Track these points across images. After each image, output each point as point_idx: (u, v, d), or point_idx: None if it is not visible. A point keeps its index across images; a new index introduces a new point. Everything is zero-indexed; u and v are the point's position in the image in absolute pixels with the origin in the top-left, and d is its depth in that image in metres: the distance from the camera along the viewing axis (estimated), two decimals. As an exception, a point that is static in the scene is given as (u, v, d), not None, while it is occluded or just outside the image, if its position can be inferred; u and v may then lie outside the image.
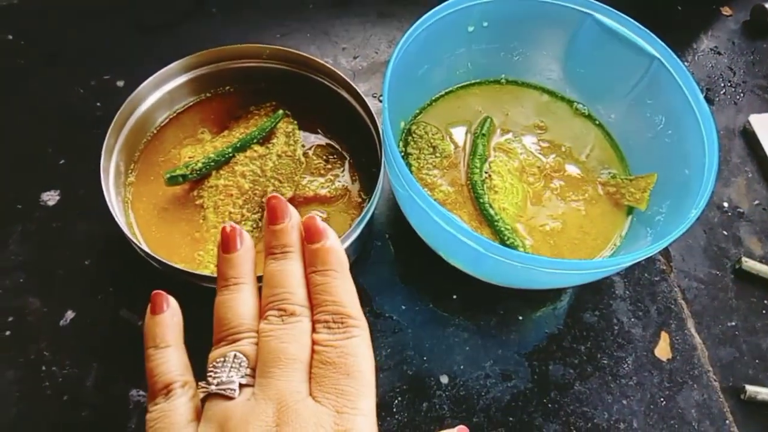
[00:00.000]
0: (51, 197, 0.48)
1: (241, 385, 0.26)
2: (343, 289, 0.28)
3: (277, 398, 0.25)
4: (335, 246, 0.29)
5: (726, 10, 0.66)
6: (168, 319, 0.30)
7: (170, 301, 0.31)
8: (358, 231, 0.41)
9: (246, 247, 0.30)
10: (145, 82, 0.45)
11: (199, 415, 0.27)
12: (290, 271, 0.29)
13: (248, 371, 0.27)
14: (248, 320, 0.28)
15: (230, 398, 0.26)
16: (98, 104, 0.52)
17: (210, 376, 0.27)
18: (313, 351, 0.27)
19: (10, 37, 0.56)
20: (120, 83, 0.54)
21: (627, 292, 0.48)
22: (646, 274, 0.49)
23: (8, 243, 0.45)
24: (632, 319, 0.47)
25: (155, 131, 0.47)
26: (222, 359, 0.27)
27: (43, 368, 0.41)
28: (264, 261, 0.30)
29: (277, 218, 0.30)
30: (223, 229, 0.30)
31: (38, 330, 0.43)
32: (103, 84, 0.54)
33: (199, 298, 0.44)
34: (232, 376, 0.26)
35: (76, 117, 0.52)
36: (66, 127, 0.51)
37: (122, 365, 0.42)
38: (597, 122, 0.52)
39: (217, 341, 0.29)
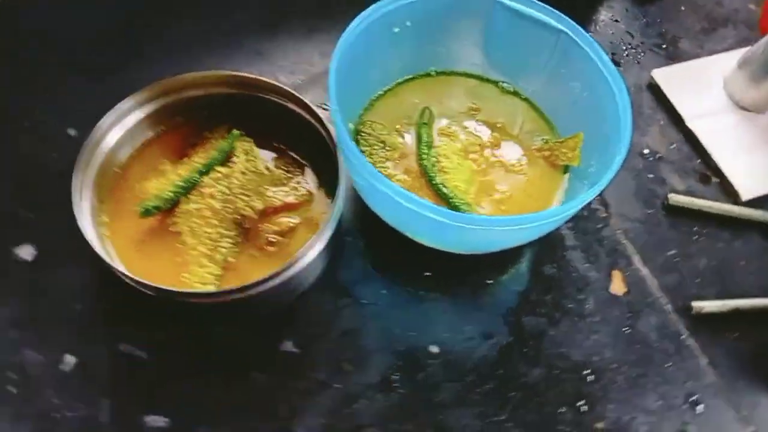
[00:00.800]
0: (27, 252, 0.49)
1: None
2: None
3: None
4: None
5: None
6: None
7: None
8: (331, 228, 0.44)
9: None
10: (99, 123, 0.47)
11: None
12: None
13: None
14: None
15: None
16: (54, 155, 0.54)
17: None
18: None
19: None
20: (72, 132, 0.55)
21: (577, 243, 0.54)
22: (590, 224, 0.55)
23: (-8, 303, 0.46)
24: (586, 264, 0.53)
25: (118, 170, 0.49)
26: None
27: (56, 415, 0.42)
28: None
29: None
30: None
31: (42, 380, 0.44)
32: (55, 135, 0.55)
33: (191, 316, 0.47)
34: None
35: (36, 171, 0.53)
36: (27, 182, 0.52)
37: (132, 395, 0.44)
38: (523, 97, 0.57)
39: None
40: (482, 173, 0.52)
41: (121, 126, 0.49)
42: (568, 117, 0.54)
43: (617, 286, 0.52)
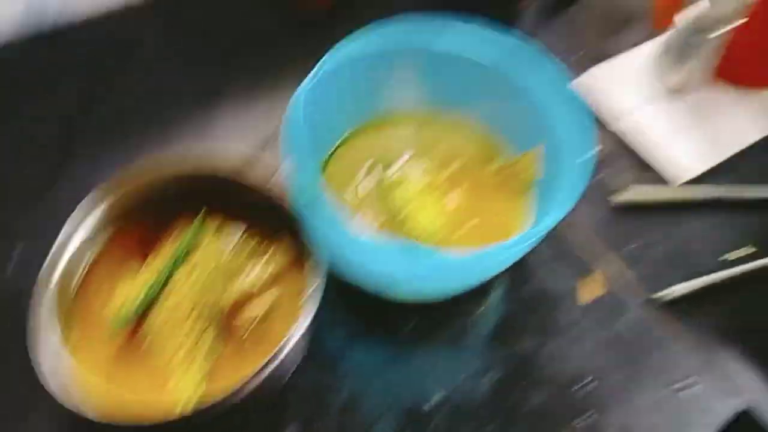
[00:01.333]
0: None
1: None
2: None
3: None
4: None
5: (523, 5, 0.76)
6: None
7: None
8: (316, 305, 0.43)
9: None
10: (55, 247, 0.44)
11: None
12: None
13: None
14: None
15: None
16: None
17: None
18: None
19: None
20: (16, 250, 0.52)
21: (546, 257, 0.55)
22: (552, 240, 0.56)
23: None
24: (558, 277, 0.54)
25: (78, 285, 0.47)
26: None
27: None
28: None
29: None
30: None
31: None
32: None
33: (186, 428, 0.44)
34: None
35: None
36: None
37: None
38: (473, 126, 0.58)
39: None
40: (447, 210, 0.53)
41: (79, 233, 0.47)
42: (522, 135, 0.54)
43: (588, 293, 0.53)
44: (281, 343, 0.41)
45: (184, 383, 0.43)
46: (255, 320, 0.46)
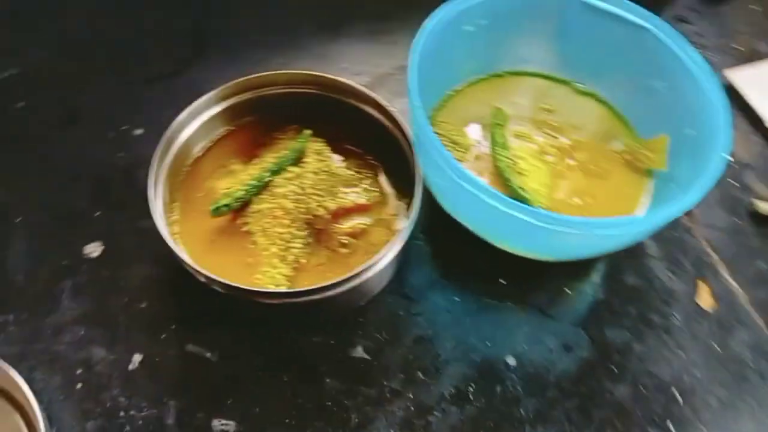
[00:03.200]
0: (94, 249, 0.48)
1: None
2: None
3: None
4: None
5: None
6: None
7: None
8: (410, 230, 0.43)
9: None
10: (179, 118, 0.46)
11: None
12: None
13: None
14: None
15: None
16: (120, 154, 0.53)
17: None
18: None
19: (22, 104, 0.56)
20: (138, 132, 0.55)
21: (659, 251, 0.51)
22: (672, 232, 0.52)
23: (61, 299, 0.46)
24: (670, 275, 0.49)
25: (189, 167, 0.48)
26: None
27: (122, 414, 0.41)
28: None
29: None
30: None
31: (109, 378, 0.43)
32: (122, 135, 0.55)
33: (260, 317, 0.45)
34: None
35: (103, 169, 0.52)
36: (94, 181, 0.52)
37: (199, 398, 0.42)
38: (599, 97, 0.54)
39: None
40: (561, 177, 0.50)
41: (194, 123, 0.48)
42: (650, 118, 0.52)
43: (705, 299, 0.49)
44: (372, 260, 0.40)
45: (271, 275, 0.43)
46: (349, 235, 0.46)
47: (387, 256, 0.41)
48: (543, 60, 0.56)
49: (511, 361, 0.45)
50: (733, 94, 0.61)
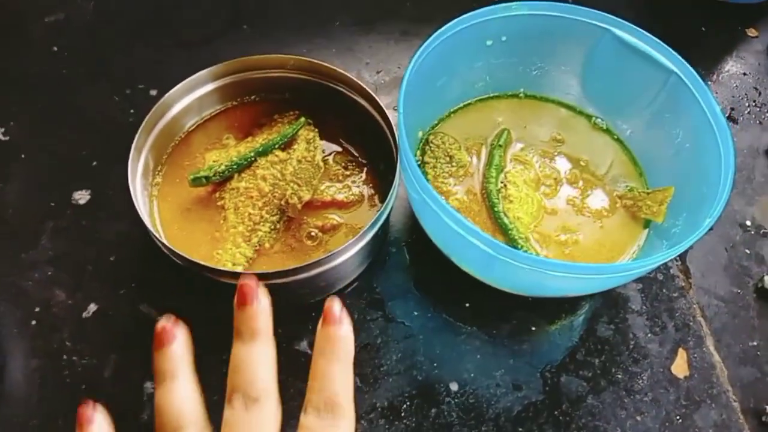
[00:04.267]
0: (82, 196, 0.50)
1: None
2: (342, 378, 0.29)
3: None
4: (347, 335, 0.30)
5: (752, 32, 0.66)
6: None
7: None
8: (372, 233, 0.42)
9: (182, 341, 0.31)
10: (175, 88, 0.47)
11: None
12: (257, 354, 0.29)
13: None
14: (194, 415, 0.29)
15: None
16: (132, 111, 0.55)
17: None
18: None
19: (55, 48, 0.59)
20: (153, 92, 0.56)
21: (644, 307, 0.48)
22: (664, 290, 0.49)
23: (40, 238, 0.48)
24: (649, 335, 0.46)
25: (183, 135, 0.49)
26: None
27: (64, 357, 0.43)
28: (233, 343, 0.30)
29: (246, 301, 0.31)
30: (156, 327, 0.31)
31: (62, 321, 0.44)
32: (138, 93, 0.56)
33: (217, 293, 0.45)
34: None
35: (111, 123, 0.54)
36: (100, 133, 0.54)
37: (139, 358, 0.43)
38: (615, 136, 0.52)
39: None
40: (551, 210, 0.48)
41: (193, 94, 0.49)
42: (662, 167, 0.49)
43: (680, 366, 0.45)
44: (327, 254, 0.40)
45: (232, 253, 0.44)
46: (318, 228, 0.45)
47: (344, 253, 0.41)
48: (566, 89, 0.53)
49: (454, 386, 0.43)
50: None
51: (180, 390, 0.29)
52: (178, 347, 0.30)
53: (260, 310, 0.31)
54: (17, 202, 0.49)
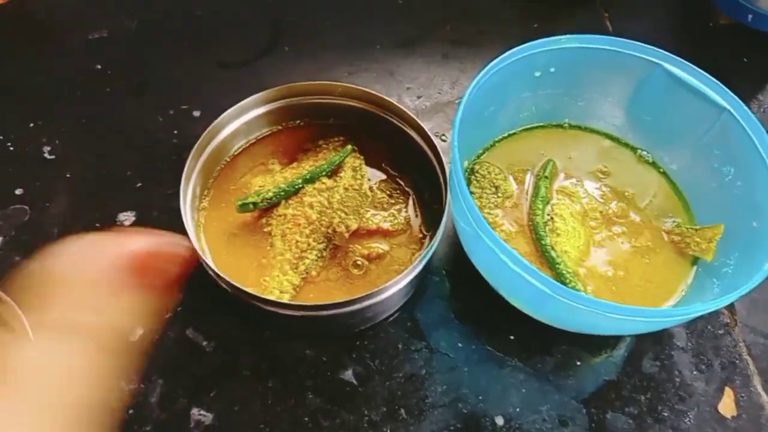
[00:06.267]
0: (127, 218, 0.50)
1: None
2: None
3: None
4: None
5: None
6: None
7: None
8: (421, 266, 0.42)
9: None
10: (225, 113, 0.47)
11: None
12: None
13: None
14: None
15: None
16: (175, 132, 0.55)
17: None
18: None
19: (99, 66, 0.60)
20: (196, 113, 0.57)
21: (689, 344, 0.47)
22: (709, 327, 0.48)
23: (86, 259, 0.48)
24: (694, 372, 0.46)
25: (229, 159, 0.50)
26: None
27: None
28: None
29: None
30: None
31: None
32: (181, 113, 0.57)
33: (264, 321, 0.46)
34: None
35: (155, 143, 0.54)
36: (144, 153, 0.54)
37: (185, 384, 0.43)
38: (661, 170, 0.52)
39: None
40: (598, 244, 0.47)
41: (242, 118, 0.49)
42: (710, 203, 0.48)
43: (727, 406, 0.45)
44: (381, 286, 0.40)
45: (279, 280, 0.44)
46: (365, 257, 0.45)
47: (392, 287, 0.41)
48: (611, 120, 0.53)
49: (500, 420, 0.43)
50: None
51: None
52: None
53: None
54: (63, 222, 0.50)
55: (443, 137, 0.57)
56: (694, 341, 0.47)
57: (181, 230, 0.42)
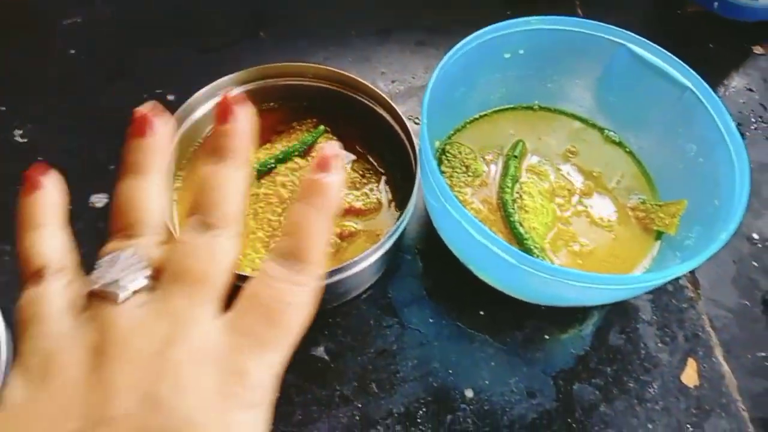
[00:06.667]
0: (99, 200, 0.50)
1: (135, 292, 0.22)
2: (319, 230, 0.24)
3: (173, 316, 0.21)
4: (334, 184, 0.25)
5: (758, 49, 0.67)
6: (45, 198, 0.25)
7: (46, 179, 0.26)
8: (391, 242, 0.42)
9: (162, 134, 0.26)
10: (197, 93, 0.47)
11: (77, 309, 0.22)
12: (227, 177, 0.24)
13: (145, 275, 0.22)
14: (154, 217, 0.24)
15: (116, 302, 0.21)
16: (149, 116, 0.55)
17: (96, 271, 0.23)
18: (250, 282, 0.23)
19: (73, 51, 0.60)
20: (171, 97, 0.57)
21: (654, 317, 0.48)
22: (673, 301, 0.49)
23: (59, 240, 0.48)
24: (659, 344, 0.47)
25: (202, 141, 0.50)
26: (114, 255, 0.23)
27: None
28: (202, 164, 0.25)
29: (227, 118, 0.26)
30: (135, 112, 0.26)
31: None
32: (156, 98, 0.57)
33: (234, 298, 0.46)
34: (123, 276, 0.22)
35: (128, 127, 0.54)
36: (117, 136, 0.54)
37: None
38: (627, 149, 0.53)
39: (112, 233, 0.25)
40: (565, 221, 0.49)
41: (214, 100, 0.49)
42: (674, 180, 0.50)
43: (690, 376, 0.46)
44: (350, 260, 0.40)
45: (251, 258, 0.44)
46: (337, 236, 0.46)
47: (363, 261, 0.41)
48: (580, 101, 0.54)
49: (469, 393, 0.44)
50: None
51: (150, 187, 0.25)
52: (159, 141, 0.26)
53: (241, 130, 0.26)
54: (36, 204, 0.50)
55: (416, 120, 0.57)
56: (659, 315, 0.49)
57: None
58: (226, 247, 0.23)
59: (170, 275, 0.22)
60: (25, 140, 0.53)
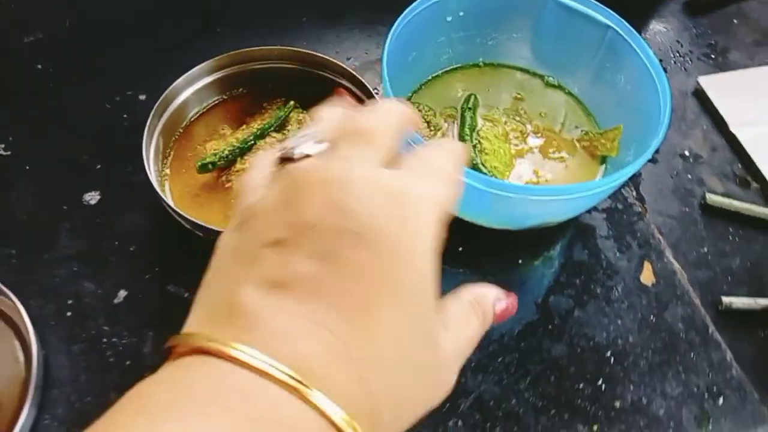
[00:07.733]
0: (92, 197, 0.53)
1: (311, 154, 0.25)
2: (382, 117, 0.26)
3: (345, 158, 0.24)
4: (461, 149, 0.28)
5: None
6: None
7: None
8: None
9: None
10: (171, 87, 0.51)
11: (271, 177, 0.26)
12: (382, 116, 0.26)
13: (319, 139, 0.25)
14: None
15: (293, 159, 0.25)
16: (125, 116, 0.58)
17: (286, 142, 0.26)
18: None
19: (39, 66, 0.62)
20: (142, 96, 0.60)
21: (610, 232, 0.55)
22: (625, 216, 0.56)
23: (59, 238, 0.51)
24: (617, 254, 0.54)
25: (183, 130, 0.53)
26: (302, 131, 0.26)
27: (104, 340, 0.46)
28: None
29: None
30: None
31: (95, 309, 0.47)
32: (128, 99, 0.60)
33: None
34: (302, 142, 0.25)
35: (107, 129, 0.58)
36: (98, 138, 0.57)
37: (174, 331, 0.47)
38: (567, 90, 0.59)
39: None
40: (522, 157, 0.54)
41: (189, 90, 0.53)
42: (610, 111, 0.56)
43: (647, 276, 0.53)
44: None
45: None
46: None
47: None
48: (519, 54, 0.60)
49: (460, 318, 0.49)
50: (702, 99, 0.65)
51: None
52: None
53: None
54: (30, 208, 0.52)
55: (376, 90, 0.62)
56: (614, 230, 0.55)
57: (148, 199, 0.45)
58: (393, 115, 0.26)
59: (341, 134, 0.25)
60: (9, 153, 0.56)
